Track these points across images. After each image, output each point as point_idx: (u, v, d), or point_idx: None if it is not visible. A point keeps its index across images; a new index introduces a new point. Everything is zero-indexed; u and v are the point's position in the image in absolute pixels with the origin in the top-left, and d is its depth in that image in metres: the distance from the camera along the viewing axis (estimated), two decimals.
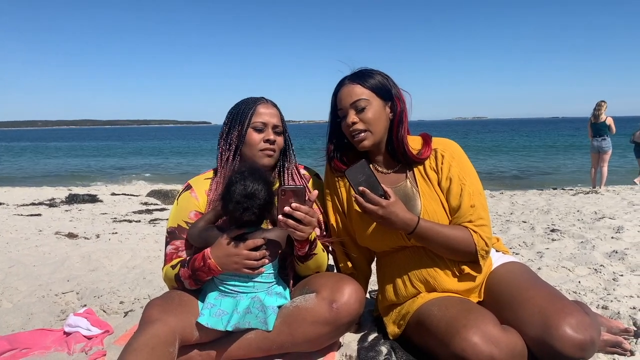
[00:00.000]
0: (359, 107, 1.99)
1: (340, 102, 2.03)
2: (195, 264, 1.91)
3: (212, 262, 1.87)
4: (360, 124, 1.99)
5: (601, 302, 2.65)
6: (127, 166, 25.83)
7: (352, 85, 2.02)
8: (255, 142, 2.11)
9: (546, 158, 24.43)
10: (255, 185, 1.83)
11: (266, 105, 2.16)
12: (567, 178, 15.41)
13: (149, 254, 4.47)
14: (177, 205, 2.15)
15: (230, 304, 1.92)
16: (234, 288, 1.94)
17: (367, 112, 2.00)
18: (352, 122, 1.99)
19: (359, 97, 2.00)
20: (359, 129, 2.00)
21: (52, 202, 8.86)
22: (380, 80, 2.05)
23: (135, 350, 1.69)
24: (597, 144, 9.98)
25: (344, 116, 2.03)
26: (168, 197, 9.52)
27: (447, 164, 2.03)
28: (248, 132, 2.11)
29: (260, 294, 1.94)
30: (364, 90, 2.01)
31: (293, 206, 1.81)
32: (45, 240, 5.08)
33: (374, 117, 2.00)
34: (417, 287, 2.00)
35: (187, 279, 1.96)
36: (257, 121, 2.11)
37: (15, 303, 3.07)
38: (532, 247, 4.29)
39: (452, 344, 1.65)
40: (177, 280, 2.00)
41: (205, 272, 1.90)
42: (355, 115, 1.99)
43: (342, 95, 2.03)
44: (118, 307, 2.92)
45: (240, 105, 2.16)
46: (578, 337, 1.62)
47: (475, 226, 1.94)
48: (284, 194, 1.82)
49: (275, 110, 2.18)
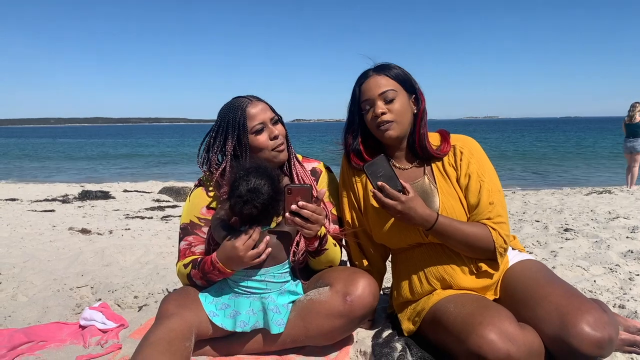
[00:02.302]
0: (387, 97, 1.99)
1: (368, 92, 2.02)
2: (205, 268, 1.92)
3: (221, 266, 1.88)
4: (389, 114, 1.99)
5: (617, 301, 2.62)
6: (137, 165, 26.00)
7: (379, 77, 2.02)
8: (264, 144, 2.06)
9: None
10: (258, 181, 1.83)
11: (253, 104, 2.08)
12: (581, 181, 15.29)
13: (162, 249, 4.50)
14: (189, 202, 2.16)
15: (244, 304, 1.92)
16: (247, 289, 1.94)
17: (395, 103, 1.99)
18: (381, 112, 1.98)
19: (388, 88, 2.00)
20: (387, 120, 1.99)
21: (65, 198, 8.93)
22: (405, 74, 2.06)
23: (152, 344, 1.70)
24: (630, 145, 10.09)
25: (370, 107, 2.02)
26: (180, 194, 9.56)
27: (466, 161, 2.02)
28: (251, 139, 2.05)
29: (273, 294, 1.95)
30: (391, 82, 2.01)
31: (300, 204, 1.81)
32: (59, 236, 5.13)
33: (401, 108, 2.00)
34: (433, 284, 1.99)
35: (199, 279, 1.98)
36: (254, 124, 2.05)
37: (31, 297, 3.10)
38: (545, 246, 4.25)
39: (469, 341, 1.64)
40: (189, 279, 2.01)
41: (216, 275, 1.92)
42: (385, 106, 1.99)
43: (370, 86, 2.02)
44: (132, 302, 2.94)
45: (228, 115, 2.07)
46: (596, 335, 1.60)
47: (494, 223, 1.93)
48: (290, 192, 1.83)
49: (263, 104, 2.11)
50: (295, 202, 1.82)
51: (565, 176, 16.71)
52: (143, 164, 25.49)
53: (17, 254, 4.23)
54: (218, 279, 1.96)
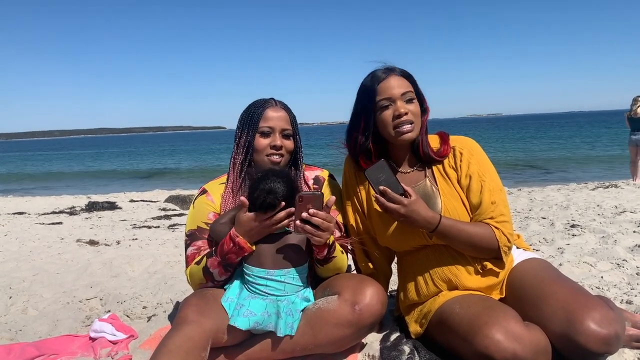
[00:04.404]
0: (408, 98, 2.00)
1: (388, 90, 1.99)
2: (224, 248, 1.93)
3: (241, 240, 1.89)
4: (410, 115, 1.99)
5: (625, 296, 2.61)
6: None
7: (399, 78, 2.03)
8: (262, 147, 2.12)
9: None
10: (278, 178, 1.89)
11: (275, 109, 2.16)
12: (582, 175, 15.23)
13: (170, 259, 4.51)
14: (194, 209, 2.18)
15: (259, 305, 1.93)
16: (265, 290, 1.95)
17: (413, 105, 2.01)
18: (404, 112, 1.98)
19: (409, 89, 2.01)
20: (408, 120, 1.98)
21: (72, 210, 8.97)
22: (415, 80, 2.08)
23: (170, 352, 1.70)
24: (635, 138, 10.19)
25: (389, 105, 2.00)
26: (186, 202, 9.59)
27: (466, 162, 2.03)
28: (255, 137, 2.12)
29: (290, 297, 1.96)
30: (409, 84, 2.03)
31: (311, 212, 1.83)
32: (67, 248, 5.16)
33: (417, 111, 2.02)
34: (439, 285, 2.00)
35: (217, 267, 1.98)
36: (264, 126, 2.11)
37: (41, 310, 3.13)
38: (552, 243, 4.24)
39: (475, 342, 1.65)
40: (205, 272, 2.01)
41: (235, 253, 1.93)
42: (406, 106, 2.00)
43: (391, 85, 2.00)
44: (141, 312, 2.96)
45: (250, 109, 2.17)
46: (602, 332, 1.61)
47: (497, 222, 1.94)
48: (301, 200, 1.84)
49: (284, 113, 2.17)
50: (306, 210, 1.83)
51: (570, 171, 16.68)
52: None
53: (26, 267, 4.25)
54: (237, 260, 1.96)
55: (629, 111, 10.17)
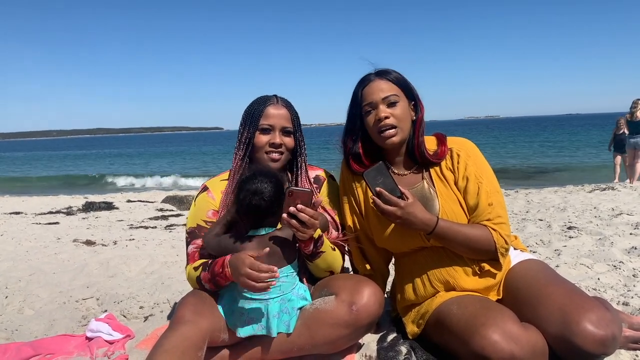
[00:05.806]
0: (390, 102, 2.00)
1: (370, 96, 2.02)
2: (215, 269, 1.93)
3: (228, 271, 1.88)
4: (392, 118, 1.99)
5: (622, 298, 2.62)
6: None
7: (382, 81, 2.03)
8: (261, 144, 2.13)
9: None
10: (265, 178, 1.90)
11: (276, 106, 2.16)
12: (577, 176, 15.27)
13: (166, 259, 4.51)
14: (195, 207, 2.19)
15: (259, 309, 1.92)
16: (260, 295, 1.92)
17: (397, 108, 2.01)
18: (384, 116, 1.98)
19: (391, 93, 2.01)
20: (389, 124, 1.99)
21: (69, 210, 8.96)
22: (405, 80, 2.07)
23: (167, 352, 1.70)
24: (633, 141, 10.29)
25: (372, 110, 2.02)
26: (183, 203, 9.58)
27: (463, 163, 2.03)
28: (256, 134, 2.13)
29: (286, 296, 1.95)
30: (394, 87, 2.03)
31: (298, 207, 1.83)
32: (64, 248, 5.14)
33: (402, 114, 2.02)
34: (436, 286, 2.00)
35: (208, 282, 1.98)
36: (264, 123, 2.12)
37: (37, 310, 3.12)
38: (549, 245, 4.25)
39: (472, 343, 1.65)
40: (198, 282, 2.02)
41: (222, 279, 1.92)
42: (387, 110, 2.00)
43: (372, 90, 2.02)
44: (138, 312, 2.95)
45: (252, 106, 2.17)
46: (599, 333, 1.61)
47: (494, 224, 1.94)
48: (290, 194, 1.85)
49: (285, 111, 2.17)
50: (294, 205, 1.84)
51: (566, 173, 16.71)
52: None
53: (22, 267, 4.24)
54: (224, 284, 1.96)
55: (629, 114, 10.22)
